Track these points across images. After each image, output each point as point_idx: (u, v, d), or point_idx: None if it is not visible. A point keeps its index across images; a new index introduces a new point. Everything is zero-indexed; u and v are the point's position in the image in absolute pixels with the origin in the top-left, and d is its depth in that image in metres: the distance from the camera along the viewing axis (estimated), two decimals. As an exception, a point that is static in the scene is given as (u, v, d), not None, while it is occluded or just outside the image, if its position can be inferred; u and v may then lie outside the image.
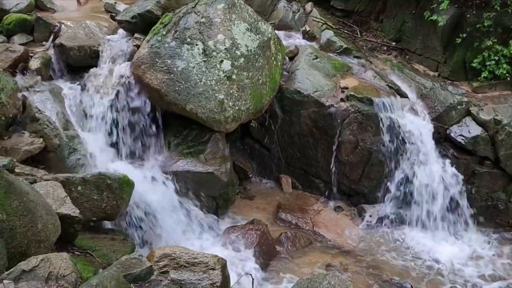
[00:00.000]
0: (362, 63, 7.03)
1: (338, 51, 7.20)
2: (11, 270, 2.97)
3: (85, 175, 4.45)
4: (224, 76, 5.71)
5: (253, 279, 4.30)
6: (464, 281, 5.55)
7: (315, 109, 6.36)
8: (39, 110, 5.35)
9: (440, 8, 6.62)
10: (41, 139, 5.23)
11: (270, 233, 5.72)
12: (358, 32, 7.83)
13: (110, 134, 5.81)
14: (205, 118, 5.69)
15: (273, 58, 6.21)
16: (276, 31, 6.58)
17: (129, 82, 5.89)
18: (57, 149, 5.25)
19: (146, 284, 3.43)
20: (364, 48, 7.54)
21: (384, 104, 6.29)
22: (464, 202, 6.28)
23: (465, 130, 6.38)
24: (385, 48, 7.61)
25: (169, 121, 6.08)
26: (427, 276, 5.60)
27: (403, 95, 6.55)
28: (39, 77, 5.76)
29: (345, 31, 7.79)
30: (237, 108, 5.77)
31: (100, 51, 6.13)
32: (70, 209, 3.96)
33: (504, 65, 6.56)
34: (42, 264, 3.02)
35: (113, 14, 6.84)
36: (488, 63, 6.62)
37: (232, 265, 4.84)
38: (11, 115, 5.20)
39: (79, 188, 4.35)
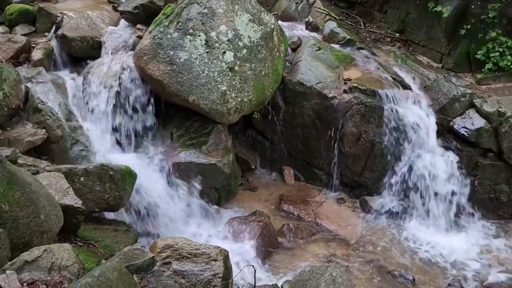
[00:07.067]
0: (365, 55, 6.99)
1: (341, 42, 7.17)
2: (14, 260, 2.98)
3: (87, 166, 4.45)
4: (227, 68, 5.69)
5: (255, 270, 4.30)
6: (466, 272, 5.56)
7: (318, 101, 6.34)
8: (42, 101, 5.35)
9: (445, -1, 6.59)
10: (44, 130, 5.24)
11: (272, 225, 5.74)
12: (361, 23, 7.79)
13: (112, 125, 5.81)
14: (207, 109, 5.67)
15: (276, 49, 6.18)
16: (279, 22, 6.54)
17: (131, 73, 5.88)
18: (59, 140, 5.27)
19: (149, 275, 3.43)
20: (368, 39, 7.50)
21: (387, 96, 6.27)
22: (466, 194, 6.28)
23: (469, 122, 6.35)
24: (388, 39, 7.57)
25: (172, 112, 6.08)
26: (429, 267, 5.60)
27: (406, 87, 6.51)
28: (41, 68, 5.76)
29: (349, 22, 7.75)
30: (239, 99, 5.76)
31: (103, 42, 6.13)
32: (72, 200, 3.97)
33: (509, 57, 6.53)
34: (45, 254, 3.03)
35: (115, 5, 6.82)
36: (492, 54, 6.59)
37: (234, 256, 4.85)
38: (13, 106, 5.21)
39: (82, 179, 4.36)
